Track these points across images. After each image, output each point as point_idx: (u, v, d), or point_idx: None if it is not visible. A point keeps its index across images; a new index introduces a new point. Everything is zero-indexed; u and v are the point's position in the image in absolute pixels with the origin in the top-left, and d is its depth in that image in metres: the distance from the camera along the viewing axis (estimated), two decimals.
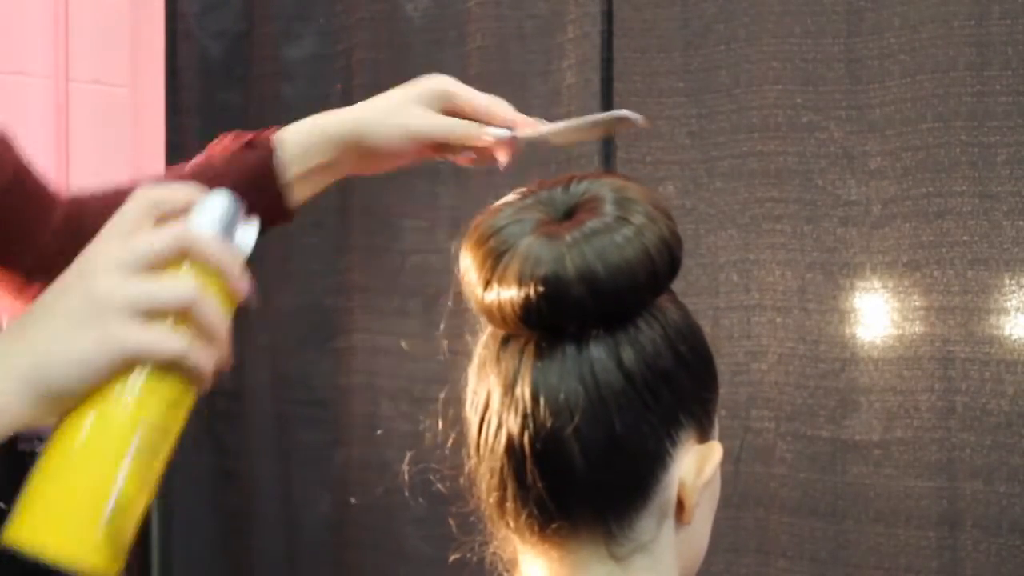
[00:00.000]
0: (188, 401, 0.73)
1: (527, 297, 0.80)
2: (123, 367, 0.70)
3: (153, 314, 0.70)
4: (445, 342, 2.10)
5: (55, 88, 2.81)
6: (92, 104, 2.88)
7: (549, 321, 0.80)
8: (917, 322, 1.58)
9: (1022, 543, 1.51)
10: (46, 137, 2.75)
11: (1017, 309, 1.52)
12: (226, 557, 2.42)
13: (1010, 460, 1.51)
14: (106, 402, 0.70)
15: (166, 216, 0.74)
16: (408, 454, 1.02)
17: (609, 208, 0.82)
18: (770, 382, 1.70)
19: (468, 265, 0.83)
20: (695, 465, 0.84)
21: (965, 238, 1.55)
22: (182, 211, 0.74)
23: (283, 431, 2.32)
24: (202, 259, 0.72)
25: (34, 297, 1.27)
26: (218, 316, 0.72)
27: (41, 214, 1.25)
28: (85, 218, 1.28)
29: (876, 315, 1.62)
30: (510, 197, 0.85)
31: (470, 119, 1.14)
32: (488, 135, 1.12)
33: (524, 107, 2.00)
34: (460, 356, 0.87)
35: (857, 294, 1.64)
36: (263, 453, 2.34)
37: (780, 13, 1.70)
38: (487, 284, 0.81)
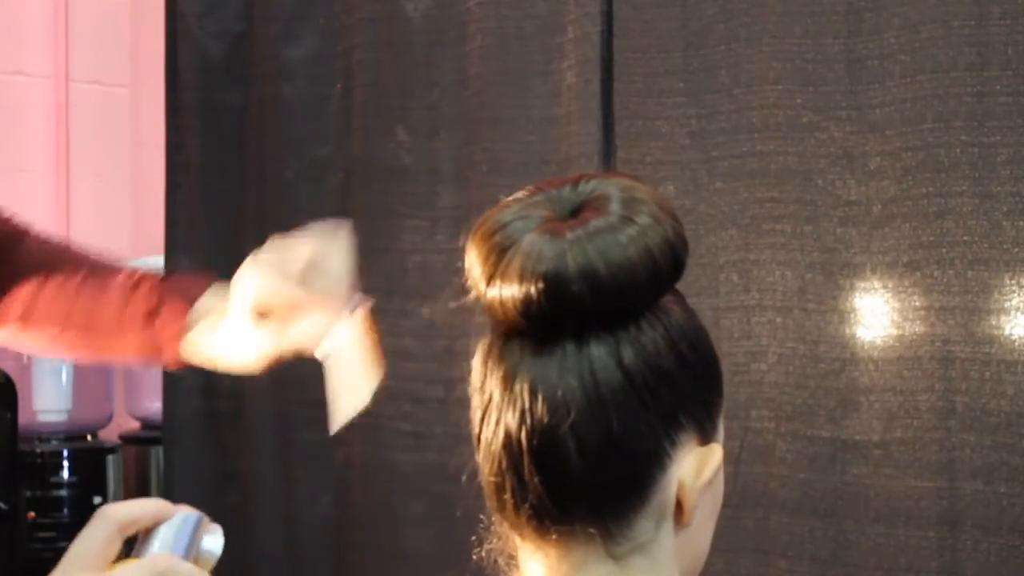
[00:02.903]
0: None
1: (528, 293, 0.80)
2: None
3: None
4: (445, 342, 2.09)
5: (55, 88, 2.81)
6: (92, 104, 2.88)
7: (549, 317, 0.81)
8: (917, 322, 1.58)
9: (1022, 543, 1.51)
10: (46, 137, 2.75)
11: (1017, 309, 1.52)
12: (226, 556, 2.41)
13: (1010, 460, 1.51)
14: None
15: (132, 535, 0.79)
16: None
17: (615, 207, 0.82)
18: (770, 382, 1.70)
19: (473, 259, 0.83)
20: (694, 467, 0.84)
21: (965, 238, 1.55)
22: (147, 529, 0.80)
23: (283, 431, 2.31)
24: None
25: None
26: None
27: None
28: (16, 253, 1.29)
29: (876, 315, 1.62)
30: (519, 194, 0.86)
31: None
32: None
33: (524, 107, 2.01)
34: (460, 356, 0.87)
35: (857, 294, 1.64)
36: (263, 453, 2.33)
37: (780, 13, 1.70)
38: (490, 279, 0.82)
